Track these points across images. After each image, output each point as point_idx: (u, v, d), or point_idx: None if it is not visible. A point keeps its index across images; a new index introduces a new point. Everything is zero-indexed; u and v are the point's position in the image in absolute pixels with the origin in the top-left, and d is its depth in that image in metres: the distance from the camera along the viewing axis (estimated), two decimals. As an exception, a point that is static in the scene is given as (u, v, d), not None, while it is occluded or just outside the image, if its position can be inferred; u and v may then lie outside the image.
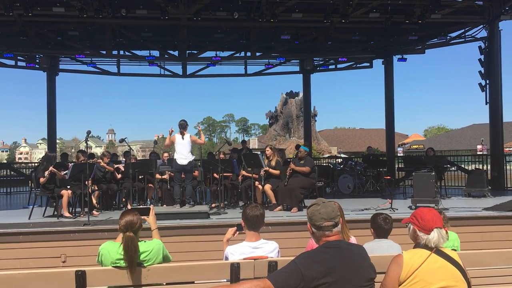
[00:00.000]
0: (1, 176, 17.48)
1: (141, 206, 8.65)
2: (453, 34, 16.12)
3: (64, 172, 9.28)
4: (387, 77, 17.54)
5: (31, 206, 9.40)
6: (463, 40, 15.81)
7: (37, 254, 7.31)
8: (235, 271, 3.45)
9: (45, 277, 3.37)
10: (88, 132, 8.85)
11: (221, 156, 11.65)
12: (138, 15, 13.65)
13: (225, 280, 3.55)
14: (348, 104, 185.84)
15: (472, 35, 15.45)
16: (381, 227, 4.32)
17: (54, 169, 9.00)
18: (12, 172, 17.79)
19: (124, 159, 12.30)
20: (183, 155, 9.40)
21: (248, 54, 17.62)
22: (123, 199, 10.80)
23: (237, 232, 4.09)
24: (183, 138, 9.42)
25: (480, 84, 14.59)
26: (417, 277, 2.77)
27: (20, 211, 10.46)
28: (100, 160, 10.41)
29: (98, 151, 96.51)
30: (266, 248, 3.89)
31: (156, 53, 17.20)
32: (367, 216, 6.37)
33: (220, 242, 4.26)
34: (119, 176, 10.60)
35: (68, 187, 9.22)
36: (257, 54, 17.33)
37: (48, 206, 9.75)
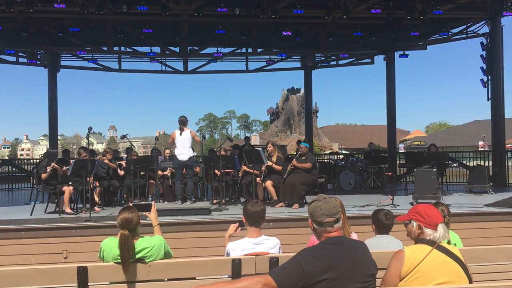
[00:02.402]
0: (3, 172, 17.51)
1: (142, 202, 8.66)
2: (455, 30, 16.08)
3: (66, 168, 9.29)
4: (389, 73, 17.50)
5: (33, 202, 9.42)
6: (465, 36, 15.77)
7: (39, 250, 7.33)
8: (236, 267, 3.46)
9: (47, 273, 3.38)
10: (90, 129, 8.85)
11: (222, 152, 11.65)
12: (139, 11, 13.62)
13: (226, 276, 3.55)
14: (349, 100, 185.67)
15: (474, 31, 15.41)
16: (382, 223, 4.32)
17: (56, 165, 9.02)
18: (14, 169, 17.83)
19: (125, 156, 12.31)
20: (183, 151, 9.41)
21: (249, 50, 17.59)
22: (125, 196, 10.82)
23: (239, 228, 4.10)
24: (181, 134, 9.44)
25: (482, 80, 14.56)
26: (418, 273, 2.77)
27: (22, 207, 10.48)
28: (104, 157, 10.42)
29: (99, 147, 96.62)
30: (268, 244, 3.89)
31: (157, 49, 17.18)
32: (369, 212, 6.37)
33: (222, 238, 4.26)
34: (122, 173, 10.60)
35: (70, 183, 9.24)
36: (258, 50, 17.30)
37: (49, 202, 9.76)
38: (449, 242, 3.89)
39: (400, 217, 3.18)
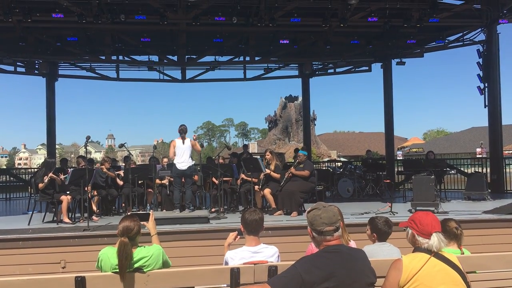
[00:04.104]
0: (0, 181, 17.46)
1: (140, 212, 8.64)
2: (452, 38, 16.16)
3: (64, 176, 9.27)
4: (386, 81, 17.57)
5: (31, 212, 9.39)
6: (462, 43, 15.85)
7: (36, 260, 7.30)
8: (235, 276, 3.44)
9: (44, 283, 3.36)
10: (88, 138, 8.85)
11: (220, 160, 11.65)
12: (137, 21, 13.67)
13: (225, 285, 3.54)
14: (347, 107, 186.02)
15: (471, 38, 15.49)
16: (381, 230, 4.29)
17: (53, 175, 9.00)
18: (12, 178, 17.78)
19: (123, 164, 12.30)
20: (183, 160, 9.37)
21: (247, 58, 17.66)
22: (123, 204, 10.79)
23: (238, 237, 4.08)
24: (183, 143, 9.40)
25: (478, 87, 14.61)
26: (417, 281, 2.77)
27: (20, 217, 10.44)
28: (103, 166, 10.40)
29: (97, 156, 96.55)
30: (266, 252, 3.88)
31: (155, 58, 17.25)
32: (367, 220, 6.35)
33: (220, 246, 4.25)
34: (121, 183, 10.57)
35: (68, 192, 9.21)
36: (256, 58, 17.37)
37: (47, 211, 9.73)
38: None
39: (401, 223, 3.18)
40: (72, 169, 10.19)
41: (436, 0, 13.64)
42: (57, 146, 31.95)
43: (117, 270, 3.45)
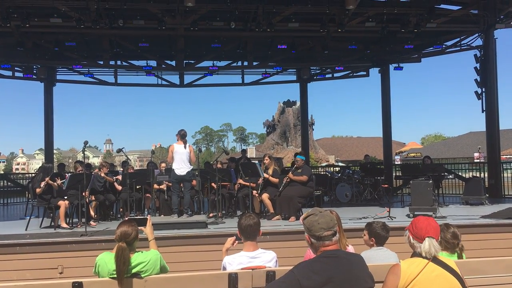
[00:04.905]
0: (-2, 187, 17.42)
1: (138, 217, 8.61)
2: (449, 43, 16.25)
3: (61, 182, 9.24)
4: (384, 86, 17.61)
5: (28, 217, 9.34)
6: (459, 48, 15.94)
7: (34, 266, 7.26)
8: (233, 281, 3.44)
9: (42, 289, 3.35)
10: (86, 143, 8.83)
11: (219, 165, 11.63)
12: (135, 26, 13.70)
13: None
14: (345, 112, 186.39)
15: (468, 43, 15.58)
16: (379, 234, 4.29)
17: (50, 181, 8.97)
18: (9, 183, 17.73)
19: (121, 169, 12.28)
20: (182, 165, 9.33)
21: (245, 63, 17.70)
22: (121, 210, 10.76)
23: (236, 242, 4.07)
24: (184, 147, 9.37)
25: (476, 92, 14.66)
26: (415, 286, 2.76)
27: (17, 222, 10.40)
28: (101, 171, 10.38)
29: (95, 161, 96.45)
30: (264, 257, 3.87)
31: (153, 63, 17.26)
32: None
33: (218, 252, 4.24)
34: (119, 188, 10.55)
35: (65, 197, 9.19)
36: (254, 63, 17.41)
37: (45, 217, 9.69)
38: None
39: (407, 227, 3.19)
40: (70, 174, 10.16)
41: (433, 5, 13.72)
42: (55, 151, 31.95)
43: (115, 276, 3.44)
